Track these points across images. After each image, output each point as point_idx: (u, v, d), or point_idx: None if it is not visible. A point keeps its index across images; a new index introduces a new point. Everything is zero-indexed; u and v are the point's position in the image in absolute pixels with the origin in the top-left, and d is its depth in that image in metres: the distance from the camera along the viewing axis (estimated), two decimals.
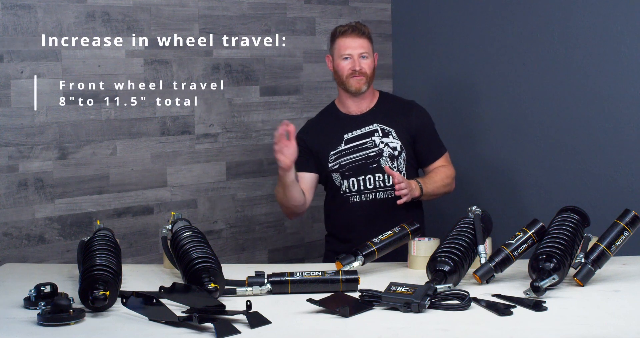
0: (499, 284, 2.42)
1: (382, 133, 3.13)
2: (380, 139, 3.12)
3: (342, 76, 3.12)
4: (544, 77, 3.66)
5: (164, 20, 3.49)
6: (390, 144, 3.12)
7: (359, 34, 3.10)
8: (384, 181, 3.10)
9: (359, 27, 3.12)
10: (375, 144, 3.12)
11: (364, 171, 3.11)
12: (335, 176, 3.15)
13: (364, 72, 3.10)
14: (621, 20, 3.40)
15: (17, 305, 2.24)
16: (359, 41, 3.10)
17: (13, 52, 3.14)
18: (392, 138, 3.12)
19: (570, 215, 2.52)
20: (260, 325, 2.05)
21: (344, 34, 3.11)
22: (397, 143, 3.12)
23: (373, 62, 3.14)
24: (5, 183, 3.16)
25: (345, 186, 3.13)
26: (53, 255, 3.27)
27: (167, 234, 2.57)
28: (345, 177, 3.13)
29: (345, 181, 3.13)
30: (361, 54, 3.10)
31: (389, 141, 3.12)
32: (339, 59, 3.12)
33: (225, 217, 3.74)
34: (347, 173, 3.13)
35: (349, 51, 3.10)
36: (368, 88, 3.14)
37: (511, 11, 3.76)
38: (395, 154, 3.11)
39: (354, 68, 3.09)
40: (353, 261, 2.53)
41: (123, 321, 2.11)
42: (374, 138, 3.13)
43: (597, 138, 3.50)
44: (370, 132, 3.14)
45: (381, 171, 3.11)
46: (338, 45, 3.13)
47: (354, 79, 3.10)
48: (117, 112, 3.40)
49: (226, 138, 3.71)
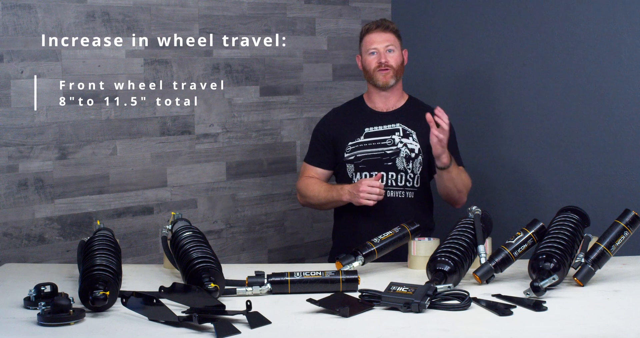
0: (499, 284, 2.42)
1: (403, 134, 3.13)
2: (400, 138, 3.13)
3: (370, 71, 3.14)
4: (543, 77, 3.66)
5: (164, 20, 3.49)
6: (409, 145, 3.12)
7: (384, 29, 3.14)
8: (396, 180, 3.11)
9: (384, 22, 3.16)
10: (394, 142, 3.12)
11: (378, 167, 3.11)
12: (349, 167, 3.15)
13: (390, 65, 3.11)
14: (621, 20, 3.40)
15: (17, 305, 2.24)
16: (384, 35, 3.13)
17: (13, 52, 3.14)
18: (412, 140, 3.12)
19: (570, 215, 2.53)
20: (260, 325, 2.05)
21: (369, 31, 3.16)
22: (415, 146, 3.12)
23: (401, 56, 3.16)
24: (5, 183, 3.16)
25: (357, 179, 3.13)
26: (53, 255, 3.27)
27: (167, 234, 2.57)
28: (358, 170, 3.14)
29: (358, 173, 3.14)
30: (387, 48, 3.12)
31: (409, 142, 3.12)
32: (366, 55, 3.15)
33: (225, 217, 3.74)
34: (361, 166, 3.13)
35: (374, 46, 3.13)
36: (396, 83, 3.15)
37: (511, 11, 3.76)
38: (412, 156, 3.11)
39: (380, 61, 3.11)
40: (353, 261, 2.53)
41: (123, 321, 2.11)
42: (394, 136, 3.13)
43: (597, 138, 3.50)
44: (391, 130, 3.14)
45: (395, 170, 3.11)
46: (365, 42, 3.16)
47: (381, 73, 3.12)
48: (117, 112, 3.40)
49: (226, 138, 3.71)
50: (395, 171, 3.11)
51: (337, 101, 3.90)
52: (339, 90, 4.05)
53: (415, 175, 3.12)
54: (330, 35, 4.02)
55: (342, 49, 4.05)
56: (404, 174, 3.11)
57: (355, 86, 4.05)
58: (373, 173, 3.10)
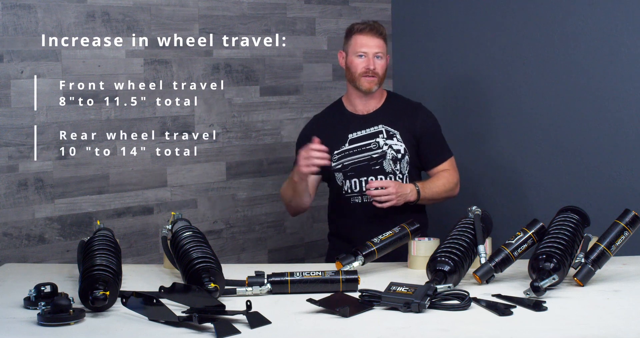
0: (499, 284, 2.42)
1: (387, 135, 3.12)
2: (384, 141, 3.11)
3: (355, 73, 3.10)
4: (543, 76, 3.66)
5: (164, 20, 3.49)
6: (394, 146, 3.11)
7: (376, 34, 3.10)
8: None
9: (377, 26, 3.12)
10: (379, 145, 3.11)
11: (366, 172, 3.11)
12: (337, 175, 3.15)
13: (377, 73, 3.09)
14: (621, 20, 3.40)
15: (17, 305, 2.24)
16: (375, 41, 3.09)
17: (13, 52, 3.14)
18: (397, 140, 3.11)
19: (570, 215, 2.52)
20: (260, 325, 2.05)
21: (361, 32, 3.11)
22: (400, 146, 3.11)
23: (387, 63, 3.14)
24: (5, 183, 3.16)
25: (347, 186, 3.13)
26: (53, 255, 3.27)
27: (167, 234, 2.57)
28: (347, 177, 3.13)
29: (347, 181, 3.13)
30: (376, 54, 3.09)
31: (393, 143, 3.11)
32: (354, 56, 3.11)
33: (225, 217, 3.74)
34: (349, 173, 3.13)
35: (364, 49, 3.09)
36: (378, 89, 3.14)
37: (511, 11, 3.76)
38: (399, 157, 3.10)
39: (368, 67, 3.08)
40: (353, 261, 2.53)
41: (123, 321, 2.11)
42: (378, 139, 3.12)
43: (597, 138, 3.50)
44: (374, 133, 3.13)
45: (383, 173, 3.10)
46: (354, 42, 3.11)
47: (366, 79, 3.09)
48: (117, 112, 3.40)
49: (226, 138, 3.71)
50: (384, 174, 3.10)
51: None
52: (339, 90, 4.05)
53: (404, 175, 3.11)
54: (330, 36, 4.02)
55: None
56: (392, 176, 3.10)
57: None
58: (362, 179, 3.10)
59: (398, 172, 3.11)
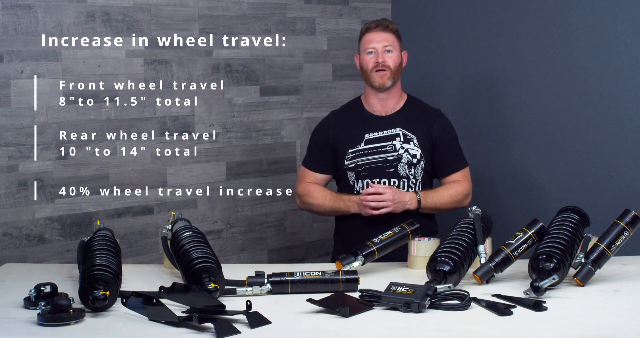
0: (499, 284, 2.42)
1: (404, 139, 3.09)
2: (401, 144, 3.08)
3: (367, 71, 3.09)
4: (543, 76, 3.66)
5: (164, 20, 3.49)
6: (411, 151, 3.07)
7: (383, 29, 3.09)
8: (398, 187, 3.06)
9: (384, 22, 3.11)
10: (395, 148, 3.08)
11: (379, 174, 3.07)
12: (350, 174, 3.12)
13: (387, 65, 3.06)
14: (621, 20, 3.40)
15: (17, 305, 2.24)
16: (383, 35, 3.08)
17: (13, 52, 3.14)
18: (413, 145, 3.08)
19: (570, 215, 2.53)
20: (260, 325, 2.05)
21: (369, 30, 3.10)
22: (417, 151, 3.08)
23: (399, 57, 3.10)
24: (5, 183, 3.16)
25: (359, 186, 3.09)
26: (53, 255, 3.27)
27: (167, 234, 2.57)
28: (360, 177, 3.10)
29: (359, 181, 3.10)
30: (385, 48, 3.07)
31: (410, 147, 3.07)
32: (364, 54, 3.10)
33: (225, 217, 3.74)
34: (362, 174, 3.09)
35: (372, 45, 3.08)
36: (393, 84, 3.09)
37: (511, 11, 3.76)
38: (414, 161, 3.07)
39: (377, 60, 3.06)
40: (353, 261, 2.53)
41: (123, 321, 2.11)
42: (395, 142, 3.08)
43: (597, 138, 3.50)
44: (392, 135, 3.10)
45: (397, 176, 3.07)
46: (363, 41, 3.11)
47: (377, 74, 3.06)
48: (117, 112, 3.40)
49: (226, 138, 3.71)
50: (397, 178, 3.07)
51: (337, 101, 3.90)
52: (339, 90, 4.05)
53: (417, 180, 3.08)
54: (330, 36, 4.02)
55: (342, 49, 4.05)
56: (406, 180, 3.07)
57: (355, 86, 4.04)
58: (375, 181, 3.07)
59: (412, 177, 3.07)
